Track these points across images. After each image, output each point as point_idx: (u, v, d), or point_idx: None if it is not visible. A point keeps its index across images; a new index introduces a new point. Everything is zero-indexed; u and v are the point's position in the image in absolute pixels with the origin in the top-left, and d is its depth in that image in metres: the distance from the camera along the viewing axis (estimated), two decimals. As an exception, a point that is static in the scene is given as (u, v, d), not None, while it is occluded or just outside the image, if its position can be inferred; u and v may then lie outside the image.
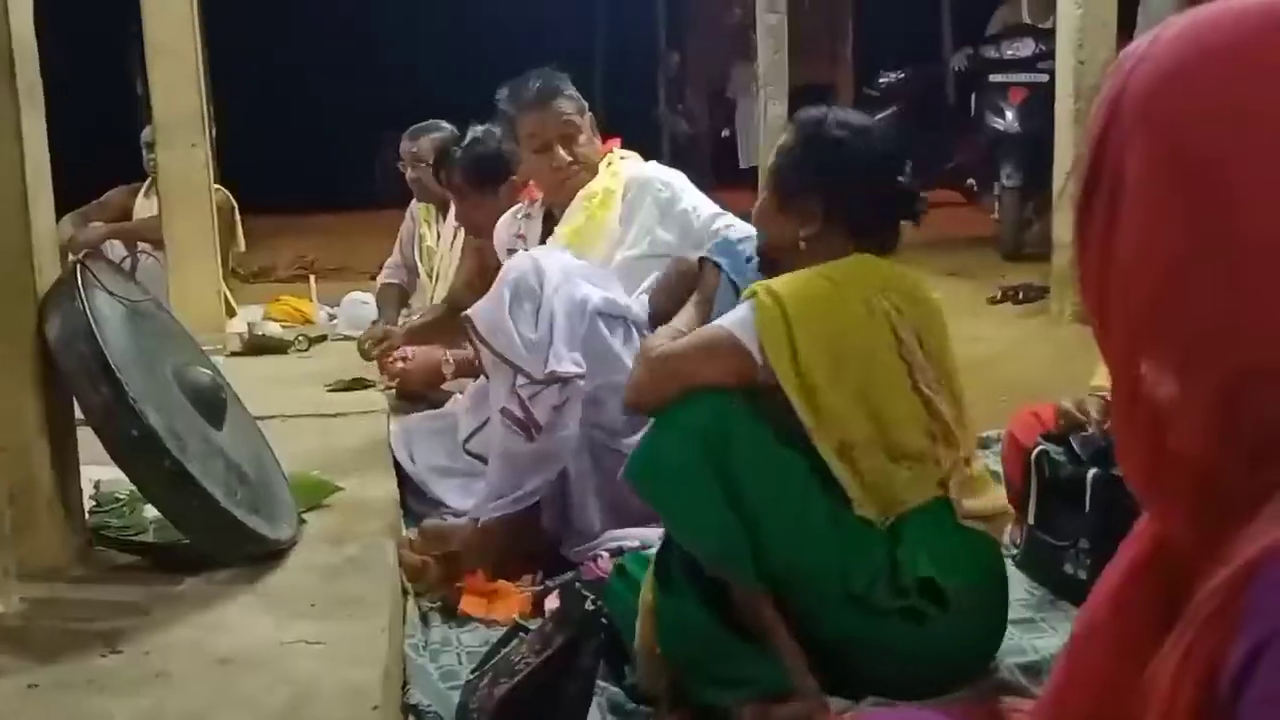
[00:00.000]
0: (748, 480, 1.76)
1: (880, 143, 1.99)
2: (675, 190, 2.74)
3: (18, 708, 1.60)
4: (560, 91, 2.80)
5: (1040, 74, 6.43)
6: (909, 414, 1.84)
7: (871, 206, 1.96)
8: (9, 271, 1.98)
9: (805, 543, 1.76)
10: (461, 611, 2.22)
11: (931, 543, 1.80)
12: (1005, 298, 5.44)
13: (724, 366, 1.84)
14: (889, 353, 1.85)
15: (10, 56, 1.96)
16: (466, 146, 3.38)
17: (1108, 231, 0.70)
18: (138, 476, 1.97)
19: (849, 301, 1.85)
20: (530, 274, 2.44)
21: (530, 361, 2.36)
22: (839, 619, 1.76)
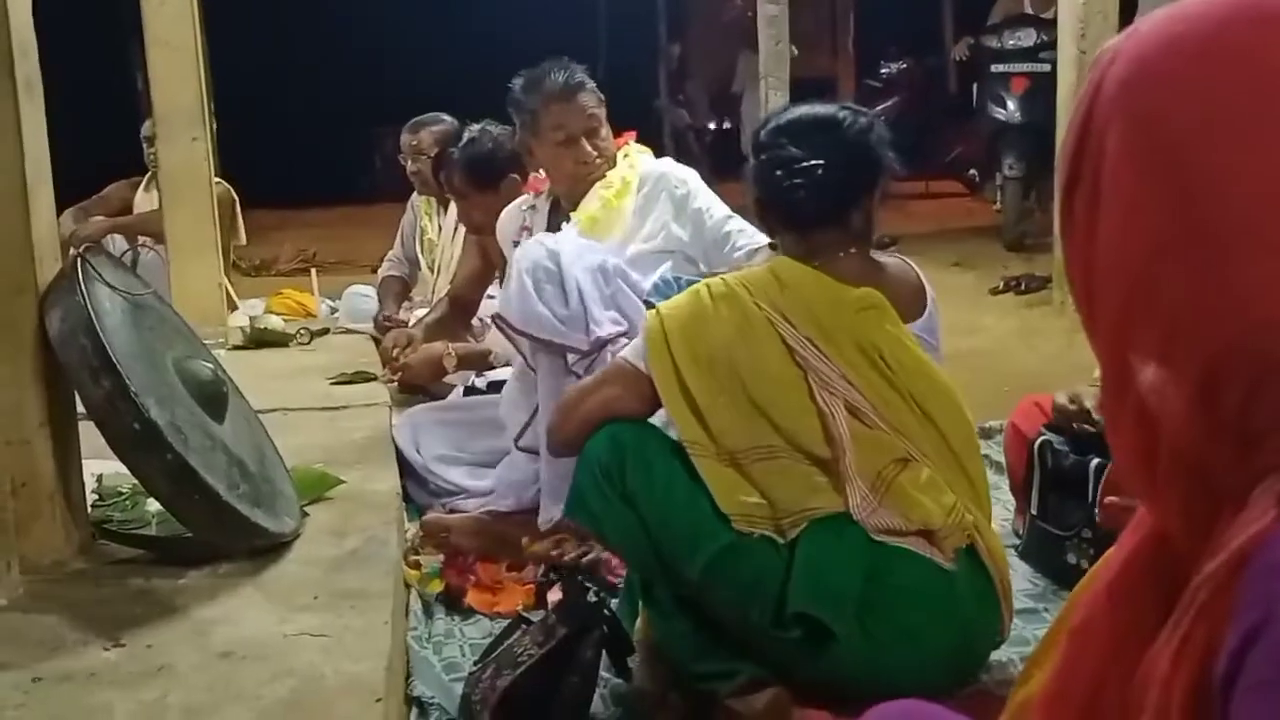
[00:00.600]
0: (645, 510, 1.77)
1: (780, 143, 1.90)
2: (691, 188, 2.74)
3: (21, 701, 1.60)
4: (585, 85, 2.78)
5: (1042, 64, 6.41)
6: (808, 421, 1.78)
7: (774, 213, 1.95)
8: (9, 266, 1.98)
9: (704, 572, 1.73)
10: (468, 605, 2.22)
11: (826, 564, 1.70)
12: (1007, 288, 5.44)
13: (623, 393, 1.87)
14: (780, 361, 1.81)
15: (9, 51, 1.95)
16: (464, 147, 3.37)
17: (1090, 225, 0.71)
18: (139, 470, 1.97)
19: (725, 314, 1.83)
20: (545, 257, 2.44)
21: (574, 336, 2.38)
22: (753, 640, 1.75)
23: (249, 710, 1.56)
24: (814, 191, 1.85)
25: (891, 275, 1.93)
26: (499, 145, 3.31)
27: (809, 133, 1.90)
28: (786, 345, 1.80)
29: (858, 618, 1.68)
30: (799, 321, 1.81)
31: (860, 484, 1.74)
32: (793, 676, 1.73)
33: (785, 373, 1.80)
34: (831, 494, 1.75)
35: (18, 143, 1.97)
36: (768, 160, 1.90)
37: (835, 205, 1.89)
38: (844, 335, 1.82)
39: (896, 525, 1.73)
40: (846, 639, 1.67)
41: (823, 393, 1.78)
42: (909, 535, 1.74)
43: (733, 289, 1.86)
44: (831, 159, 1.86)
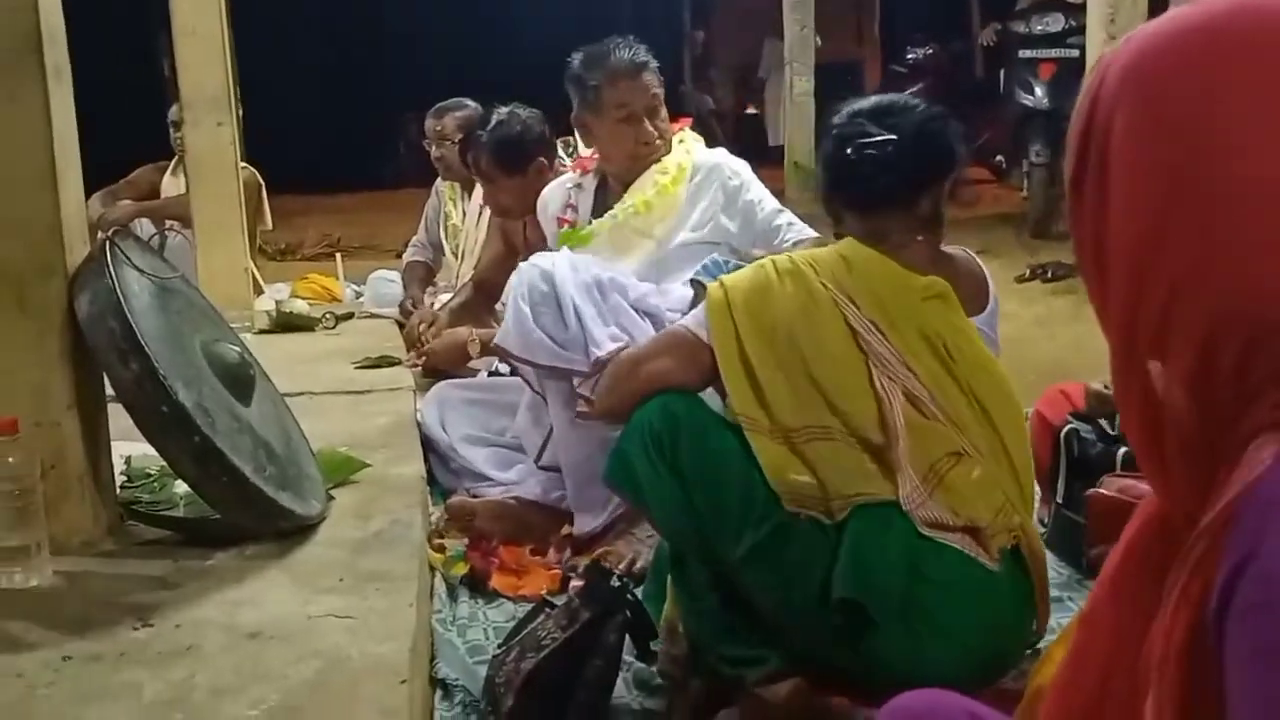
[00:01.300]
0: (694, 483, 1.74)
1: (858, 124, 1.89)
2: (743, 180, 2.72)
3: (51, 679, 1.62)
4: (649, 64, 2.75)
5: (1070, 49, 6.36)
6: (866, 406, 1.76)
7: (841, 189, 1.93)
8: (39, 249, 2.00)
9: (749, 551, 1.71)
10: (492, 588, 2.24)
11: (871, 553, 1.68)
12: (1034, 276, 5.41)
13: (681, 361, 1.84)
14: (843, 342, 1.79)
15: (38, 36, 1.97)
16: (492, 130, 3.36)
17: (1099, 205, 0.75)
18: (167, 452, 1.99)
19: (790, 290, 1.81)
20: (538, 279, 2.44)
21: (575, 359, 2.37)
22: (787, 623, 1.74)
23: (275, 690, 1.57)
24: (883, 168, 1.84)
25: (958, 266, 1.91)
26: (527, 129, 3.30)
27: (883, 114, 1.89)
28: (850, 326, 1.79)
29: (900, 610, 1.67)
30: (864, 304, 1.80)
31: (912, 474, 1.72)
32: (821, 662, 1.73)
33: (846, 354, 1.78)
34: (882, 481, 1.73)
35: (47, 127, 1.98)
36: (839, 137, 1.89)
37: (904, 186, 1.86)
38: (908, 322, 1.80)
39: (945, 519, 1.71)
40: (886, 630, 1.66)
41: (882, 378, 1.76)
42: (956, 531, 1.71)
43: (798, 266, 1.84)
44: (903, 138, 1.85)
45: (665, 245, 2.72)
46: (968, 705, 1.22)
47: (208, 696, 1.56)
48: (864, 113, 1.90)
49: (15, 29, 1.95)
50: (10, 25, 1.95)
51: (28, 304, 1.99)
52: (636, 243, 2.76)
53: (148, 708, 1.54)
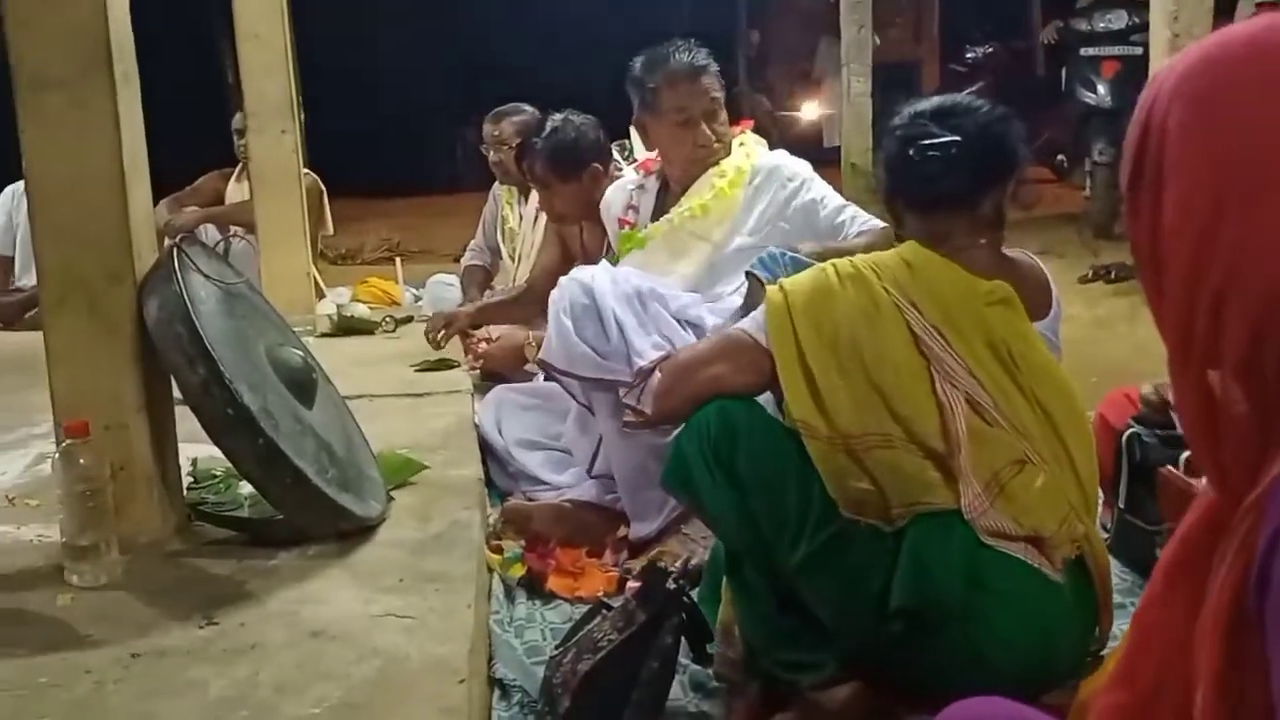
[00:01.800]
0: (751, 490, 1.72)
1: (921, 124, 1.86)
2: (802, 182, 2.71)
3: (120, 676, 1.66)
4: (708, 68, 2.76)
5: (1134, 46, 6.26)
6: (928, 413, 1.73)
7: (903, 188, 1.89)
8: (109, 255, 2.05)
9: (806, 559, 1.69)
10: (549, 590, 2.25)
11: (931, 561, 1.66)
12: (1096, 276, 5.33)
13: (740, 365, 1.81)
14: (905, 349, 1.75)
15: (108, 45, 2.02)
16: (547, 136, 3.38)
17: (1155, 204, 0.81)
18: (232, 453, 2.03)
19: (851, 294, 1.79)
20: (579, 294, 2.46)
21: (618, 369, 2.39)
22: (844, 629, 1.72)
23: (337, 688, 1.60)
24: (946, 169, 1.81)
25: (1021, 270, 1.88)
26: (582, 135, 3.32)
27: (946, 114, 1.86)
28: (912, 332, 1.76)
29: (959, 619, 1.65)
30: (927, 309, 1.77)
31: (974, 483, 1.69)
32: (877, 668, 1.71)
33: (908, 360, 1.75)
34: (944, 490, 1.70)
35: (116, 135, 2.03)
36: (902, 138, 1.87)
37: (967, 186, 1.83)
38: (972, 328, 1.77)
39: (1007, 529, 1.68)
40: (944, 639, 1.64)
41: (945, 385, 1.73)
42: (1018, 540, 1.69)
43: (860, 271, 1.81)
44: (967, 139, 1.82)
45: (722, 249, 2.72)
46: (1024, 712, 1.21)
47: (271, 694, 1.59)
48: (926, 113, 1.87)
49: (85, 38, 2.01)
50: (80, 34, 2.01)
51: (98, 310, 2.04)
52: (692, 246, 2.77)
53: (213, 704, 1.57)
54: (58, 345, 2.06)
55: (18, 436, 2.92)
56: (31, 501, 2.42)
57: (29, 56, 2.02)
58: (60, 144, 2.03)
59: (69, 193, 2.03)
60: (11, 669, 1.68)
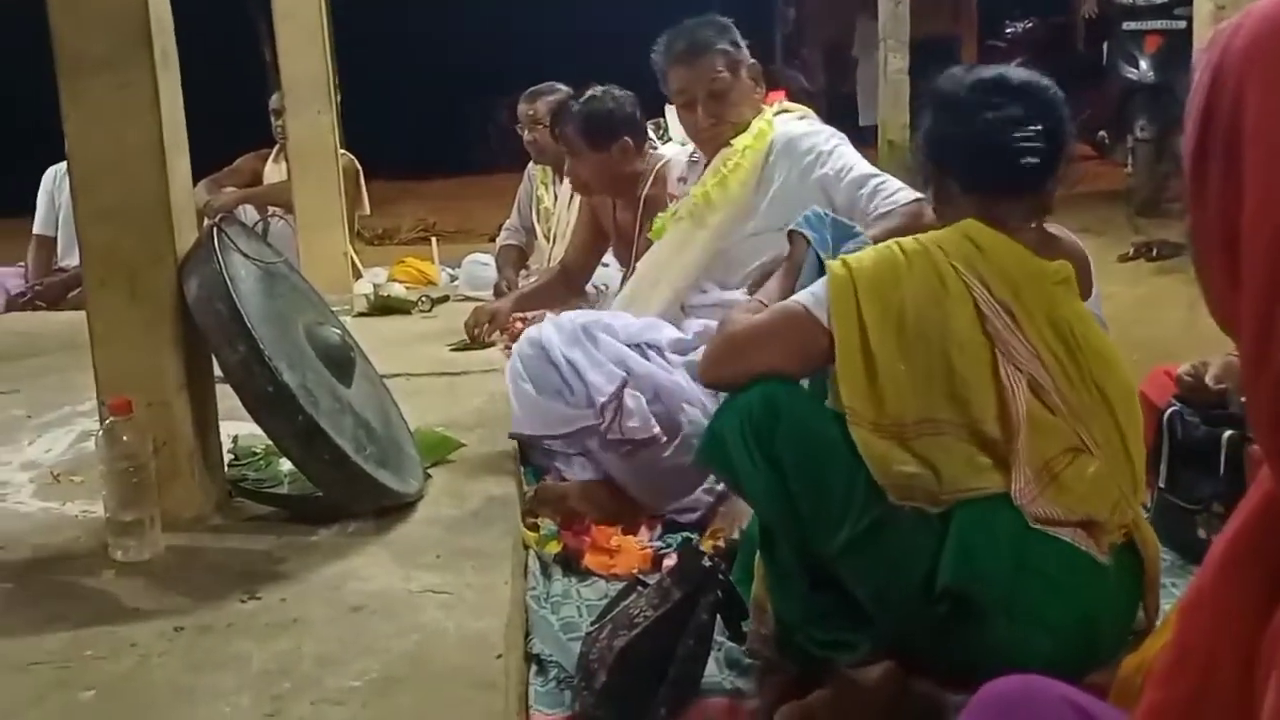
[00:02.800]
0: (793, 475, 1.69)
1: (996, 102, 1.78)
2: (817, 155, 2.64)
3: (165, 649, 1.69)
4: (711, 46, 2.72)
5: (1177, 20, 6.16)
6: (987, 397, 1.68)
7: (993, 181, 1.80)
8: (150, 235, 2.07)
9: (849, 542, 1.66)
10: (584, 567, 2.26)
11: (978, 544, 1.64)
12: (1138, 254, 5.27)
13: (796, 342, 1.74)
14: (969, 328, 1.69)
15: (148, 26, 2.04)
16: (584, 102, 3.38)
17: (1229, 186, 0.72)
18: (272, 431, 2.05)
19: (922, 273, 1.72)
20: (527, 349, 2.49)
21: (588, 415, 2.41)
22: (885, 610, 1.69)
23: (377, 661, 1.62)
24: (1033, 155, 1.75)
25: (1066, 249, 1.84)
26: (618, 106, 3.31)
27: (1022, 92, 1.78)
28: (979, 311, 1.69)
29: (1004, 601, 1.63)
30: (996, 288, 1.71)
31: (1026, 470, 1.67)
32: (916, 651, 1.70)
33: (972, 341, 1.69)
34: (992, 474, 1.67)
35: (156, 116, 2.05)
36: (986, 119, 1.77)
37: (1048, 171, 1.78)
38: (1039, 308, 1.72)
39: (1057, 515, 1.66)
40: (989, 621, 1.62)
41: (1008, 366, 1.68)
42: (1068, 525, 1.67)
43: (927, 248, 1.74)
44: (1045, 122, 1.77)
45: (728, 237, 2.69)
46: (1063, 691, 1.21)
47: (313, 667, 1.61)
48: (1001, 88, 1.79)
49: (125, 18, 2.03)
50: (121, 14, 2.03)
51: (140, 289, 2.07)
52: (694, 235, 2.76)
53: (256, 677, 1.59)
54: (101, 324, 2.09)
55: (62, 414, 2.97)
56: (76, 478, 2.45)
57: (70, 38, 2.04)
58: (101, 125, 2.05)
59: (110, 173, 2.06)
60: (58, 642, 1.71)
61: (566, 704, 1.77)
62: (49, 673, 1.63)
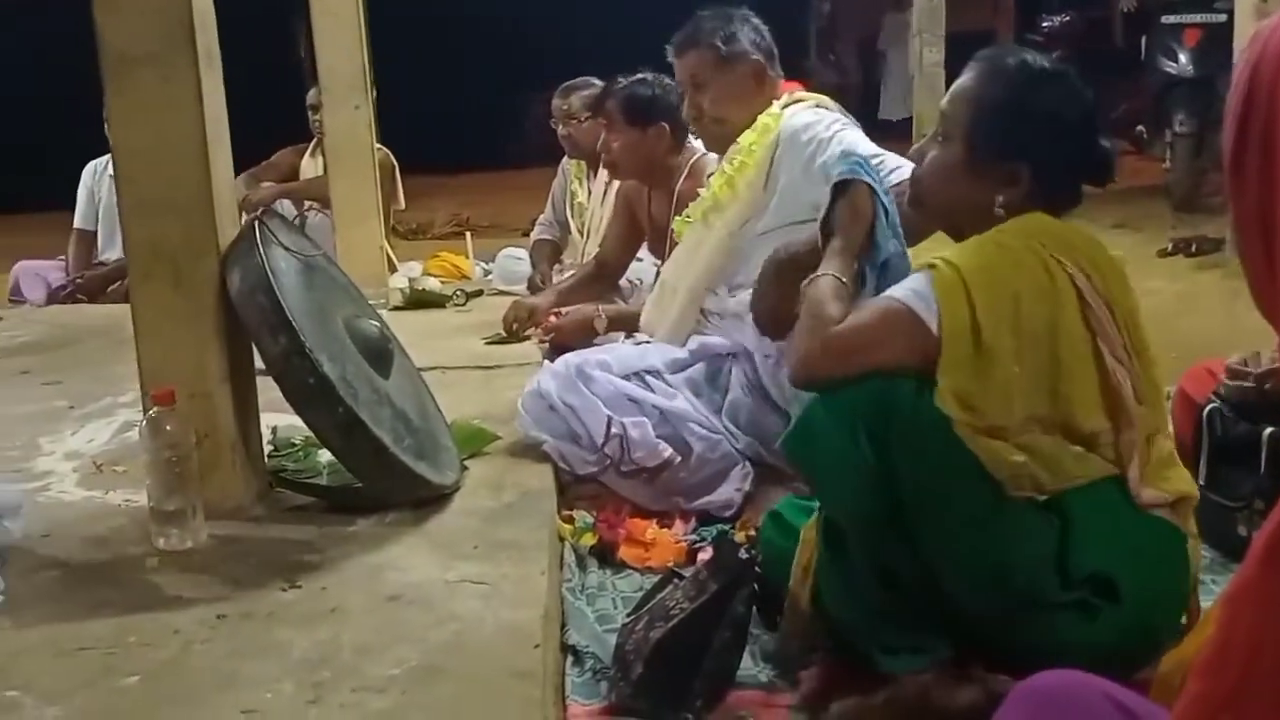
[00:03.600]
0: (904, 465, 1.62)
1: (1080, 100, 1.77)
2: (818, 144, 2.59)
3: (207, 636, 1.71)
4: (697, 41, 2.71)
5: (1217, 14, 6.09)
6: (1090, 390, 1.67)
7: (1073, 172, 1.78)
8: (193, 229, 2.10)
9: (961, 532, 1.63)
10: (619, 559, 2.27)
11: (1104, 530, 1.65)
12: (1176, 250, 5.22)
13: (902, 344, 1.67)
14: (1075, 322, 1.66)
15: (191, 22, 2.06)
16: (631, 80, 3.40)
17: (1267, 185, 0.73)
18: (313, 422, 2.07)
19: (1029, 267, 1.67)
20: (536, 408, 2.51)
21: (598, 457, 2.45)
22: (991, 607, 1.65)
23: (415, 650, 1.63)
24: (1108, 150, 1.79)
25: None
26: (664, 93, 3.31)
27: (1081, 83, 1.79)
28: (1083, 301, 1.67)
29: (1135, 586, 1.64)
30: (1095, 280, 1.68)
31: (1136, 457, 1.69)
32: (996, 646, 1.68)
33: (1077, 333, 1.67)
34: (1092, 462, 1.68)
35: (199, 110, 2.08)
36: (1076, 110, 1.76)
37: (1110, 171, 1.82)
38: (1119, 299, 1.72)
39: (1160, 499, 1.70)
40: (1116, 607, 1.63)
41: (1112, 359, 1.67)
42: (1166, 506, 1.71)
43: (1027, 241, 1.69)
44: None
45: (740, 236, 2.69)
46: (1103, 686, 1.21)
47: (353, 655, 1.63)
48: (1065, 76, 1.79)
49: (169, 15, 2.05)
50: (164, 11, 2.05)
51: (183, 281, 2.10)
52: (705, 239, 2.76)
53: (297, 664, 1.61)
54: (144, 316, 2.12)
55: (103, 405, 3.01)
56: (118, 468, 2.49)
57: (115, 34, 2.06)
58: (145, 119, 2.08)
59: (154, 167, 2.08)
60: (103, 628, 1.75)
61: (602, 695, 1.78)
62: (96, 658, 1.66)
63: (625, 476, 2.46)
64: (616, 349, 2.76)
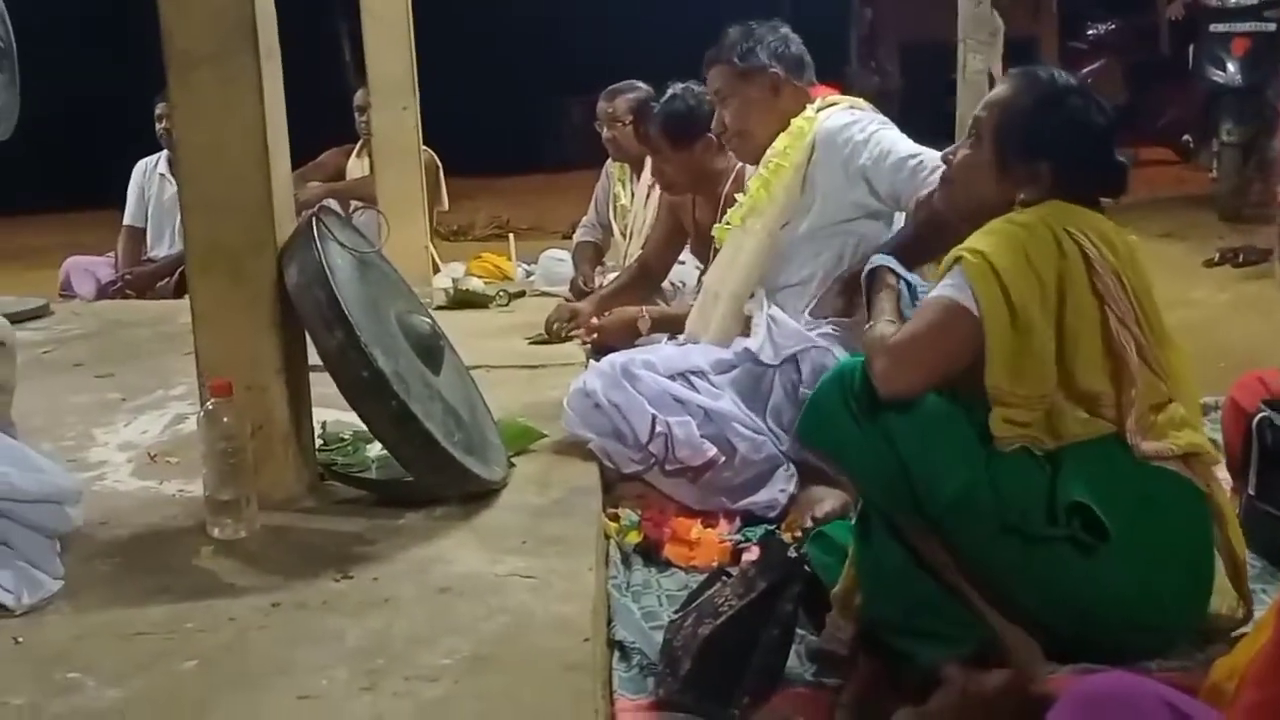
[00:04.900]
0: (901, 435, 1.74)
1: (1102, 114, 1.93)
2: (854, 145, 2.61)
3: (263, 623, 1.75)
4: (717, 58, 2.78)
5: (1267, 23, 6.05)
6: (1094, 353, 1.79)
7: (1090, 177, 1.91)
8: (253, 224, 2.14)
9: (955, 473, 1.71)
10: (664, 558, 2.29)
11: (1093, 473, 1.74)
12: (1223, 260, 5.17)
13: (960, 332, 1.79)
14: (1082, 289, 1.79)
15: (253, 23, 2.10)
16: (665, 102, 3.41)
17: None
18: (366, 415, 2.10)
19: (1040, 237, 1.79)
20: (582, 407, 2.52)
21: (642, 456, 2.47)
22: (999, 552, 1.71)
23: (467, 641, 1.66)
24: (1123, 161, 1.95)
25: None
26: (699, 104, 3.32)
27: (1106, 105, 1.95)
28: (1090, 267, 1.79)
29: (1129, 530, 1.71)
30: (1103, 249, 1.81)
31: (1134, 413, 1.78)
32: (1021, 615, 1.72)
33: (1085, 299, 1.79)
34: (1096, 423, 1.79)
35: (260, 109, 2.12)
36: (1099, 121, 1.92)
37: (1125, 182, 1.97)
38: (1130, 271, 1.83)
39: (1163, 450, 1.78)
40: (1115, 547, 1.69)
41: (1118, 323, 1.79)
42: (1174, 459, 1.79)
43: (1038, 217, 1.83)
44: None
45: (781, 238, 2.70)
46: (1158, 689, 1.21)
47: (405, 644, 1.66)
48: (1100, 98, 1.96)
49: (231, 16, 2.09)
50: (227, 12, 2.09)
51: (242, 275, 2.14)
52: (743, 242, 2.78)
53: (350, 652, 1.64)
54: (203, 309, 2.16)
55: (155, 398, 3.07)
56: (172, 459, 2.54)
57: (179, 34, 2.11)
58: (207, 117, 2.12)
59: (215, 164, 2.12)
60: (161, 614, 1.78)
61: (649, 690, 1.79)
62: (154, 643, 1.69)
63: (669, 475, 2.48)
64: (661, 349, 2.78)
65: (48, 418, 2.85)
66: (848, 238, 2.65)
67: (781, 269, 2.71)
